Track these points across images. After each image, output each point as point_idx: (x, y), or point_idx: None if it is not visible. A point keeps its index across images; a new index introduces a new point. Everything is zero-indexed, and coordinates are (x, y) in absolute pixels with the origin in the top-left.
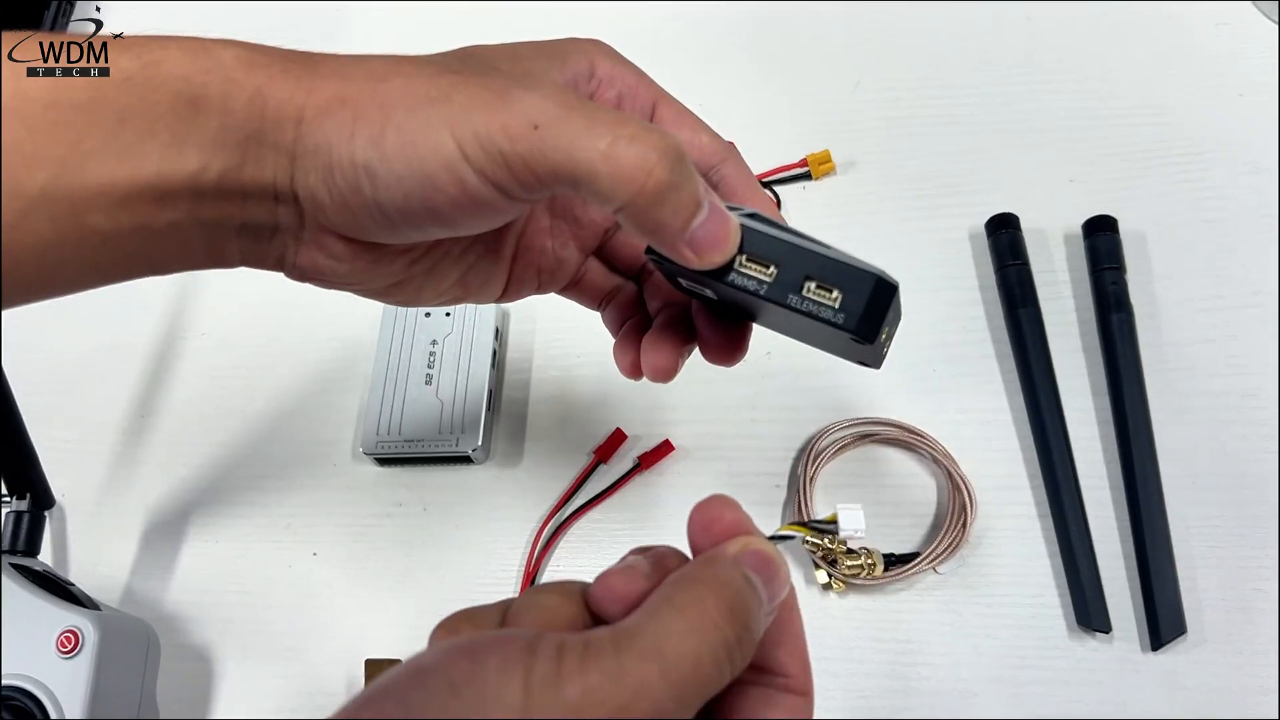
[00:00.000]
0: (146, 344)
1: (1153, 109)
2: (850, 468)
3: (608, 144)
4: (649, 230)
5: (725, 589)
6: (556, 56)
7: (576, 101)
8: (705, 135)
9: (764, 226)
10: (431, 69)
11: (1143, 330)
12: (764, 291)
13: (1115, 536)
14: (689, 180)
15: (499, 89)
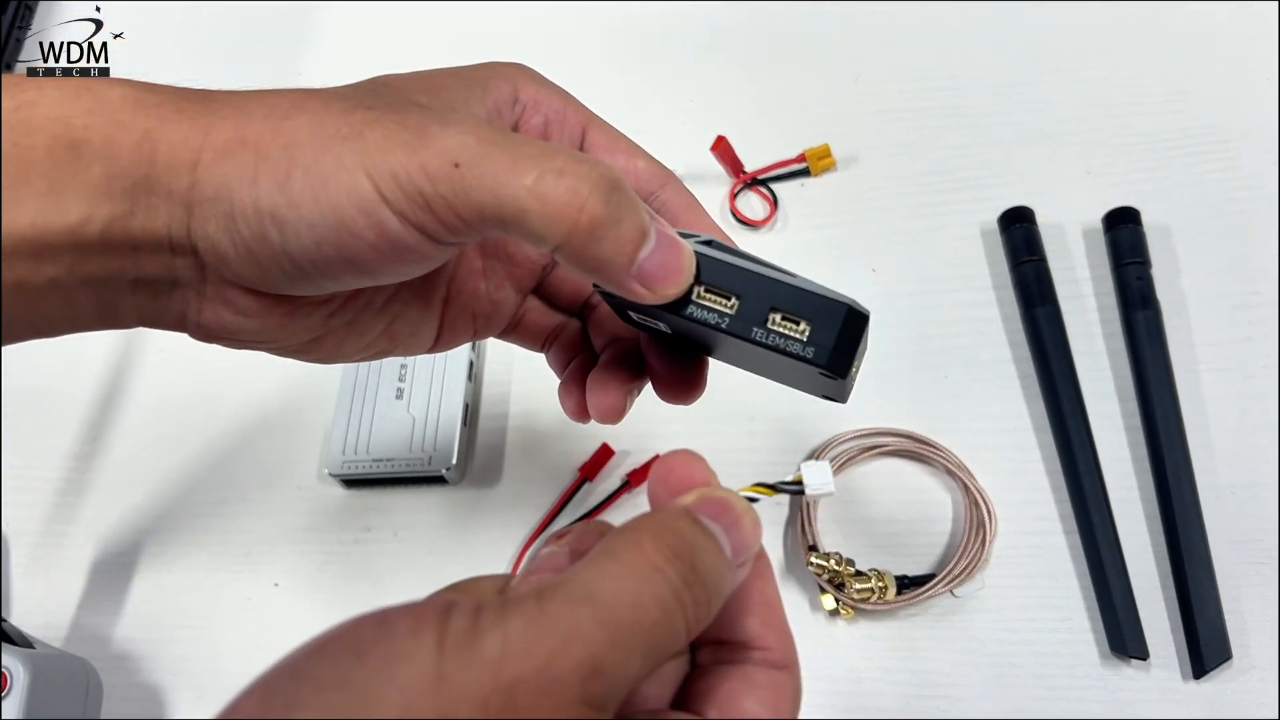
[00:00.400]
0: (100, 362)
1: (1173, 95)
2: (858, 482)
3: (534, 179)
4: (591, 268)
5: (666, 531)
6: (477, 84)
7: (499, 136)
8: (642, 160)
9: (722, 254)
10: (341, 104)
11: (1171, 329)
12: (726, 325)
13: (1149, 553)
14: (629, 210)
15: (416, 125)
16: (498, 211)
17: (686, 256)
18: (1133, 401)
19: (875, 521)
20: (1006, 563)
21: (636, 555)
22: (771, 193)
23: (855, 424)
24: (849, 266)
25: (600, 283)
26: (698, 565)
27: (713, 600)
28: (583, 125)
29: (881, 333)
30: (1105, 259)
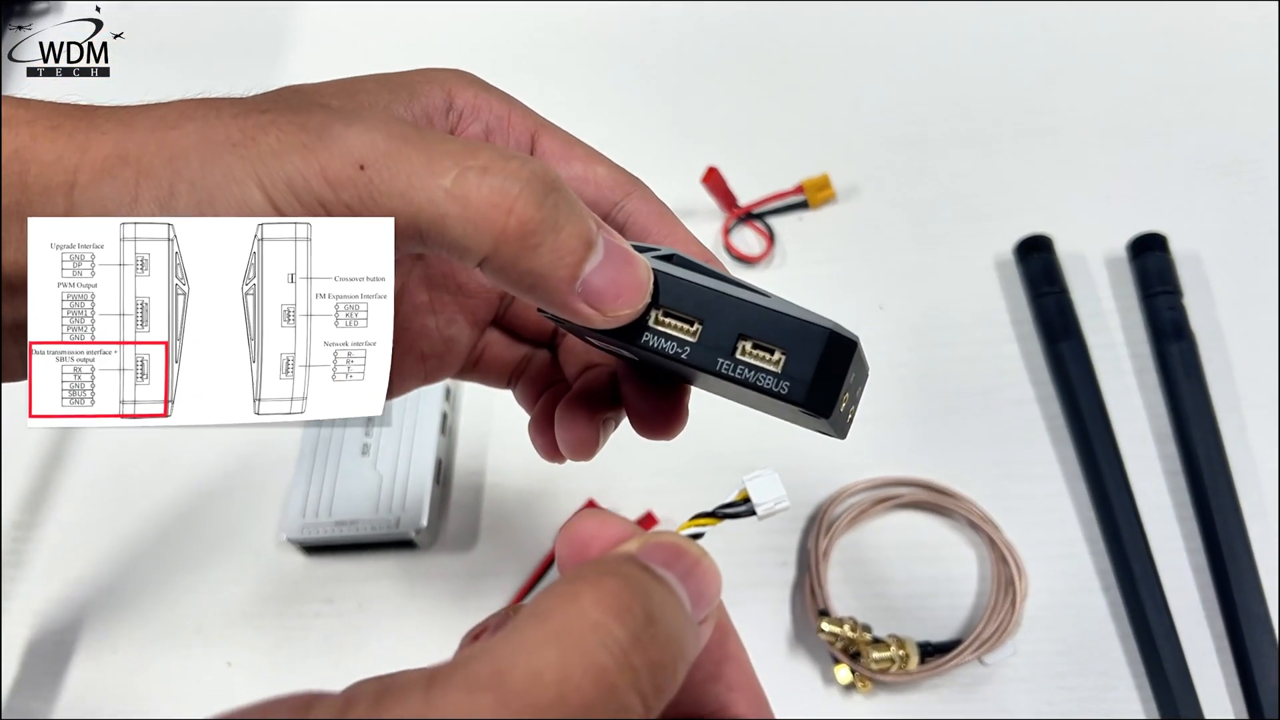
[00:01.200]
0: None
1: (1195, 117)
2: (870, 538)
3: (453, 180)
4: (526, 285)
5: (609, 577)
6: (402, 89)
7: (413, 132)
8: (602, 167)
9: (684, 271)
10: (234, 109)
11: (1208, 363)
12: (686, 355)
13: (1199, 609)
14: (569, 213)
15: (316, 125)
16: (412, 219)
17: (641, 271)
18: (1170, 442)
19: (892, 582)
20: (1040, 625)
21: (569, 613)
22: (768, 227)
23: (867, 474)
24: (854, 304)
25: (538, 302)
26: (655, 615)
27: (676, 663)
28: (531, 132)
29: (893, 374)
30: (1131, 289)
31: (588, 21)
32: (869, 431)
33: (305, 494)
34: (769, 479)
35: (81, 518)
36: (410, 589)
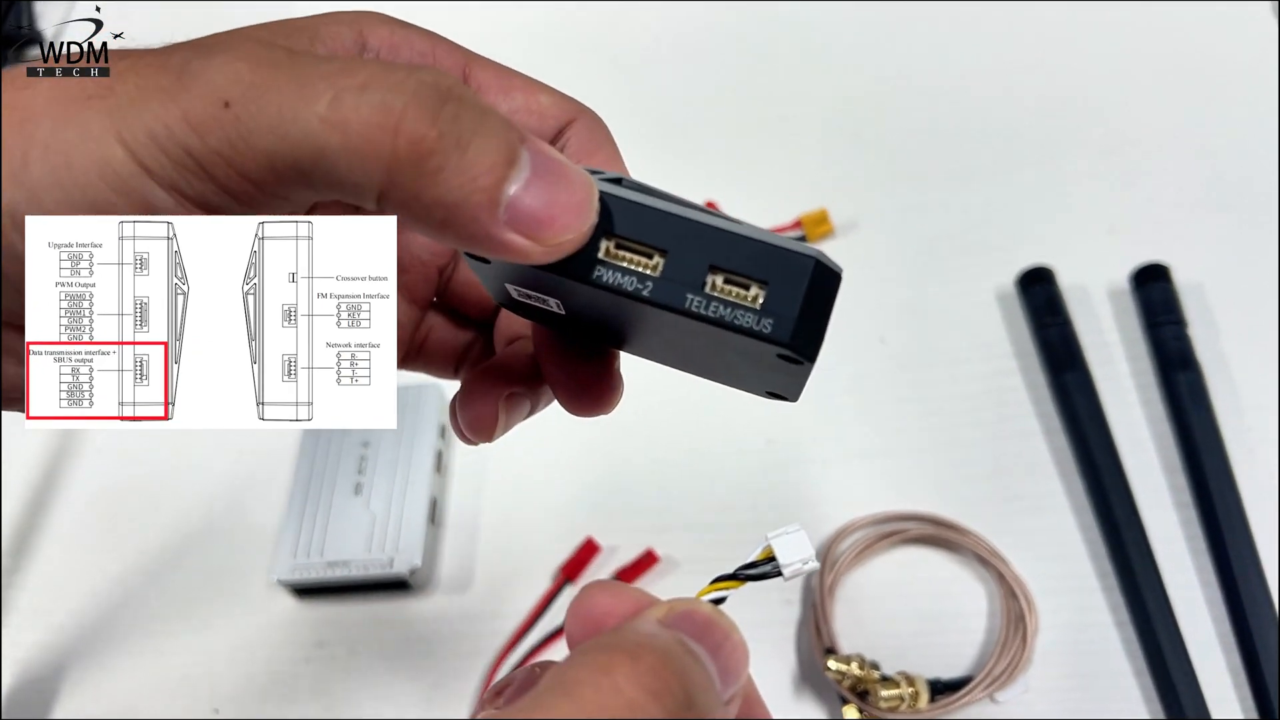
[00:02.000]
0: (25, 463)
1: (1195, 148)
2: (877, 574)
3: (328, 104)
4: (437, 222)
5: (646, 651)
6: (301, 33)
7: (283, 56)
8: (545, 95)
9: (638, 195)
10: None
11: (1215, 394)
12: (649, 292)
13: (1216, 644)
14: (481, 125)
15: (176, 64)
16: (290, 157)
17: (583, 186)
18: (1179, 473)
19: (900, 619)
20: (1052, 661)
21: (603, 688)
22: None
23: (871, 508)
24: (855, 338)
25: (461, 242)
26: (693, 698)
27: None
28: (461, 67)
29: (896, 407)
30: (1135, 320)
31: (587, 55)
32: (872, 466)
33: (296, 534)
34: (796, 537)
35: (65, 561)
36: (404, 631)
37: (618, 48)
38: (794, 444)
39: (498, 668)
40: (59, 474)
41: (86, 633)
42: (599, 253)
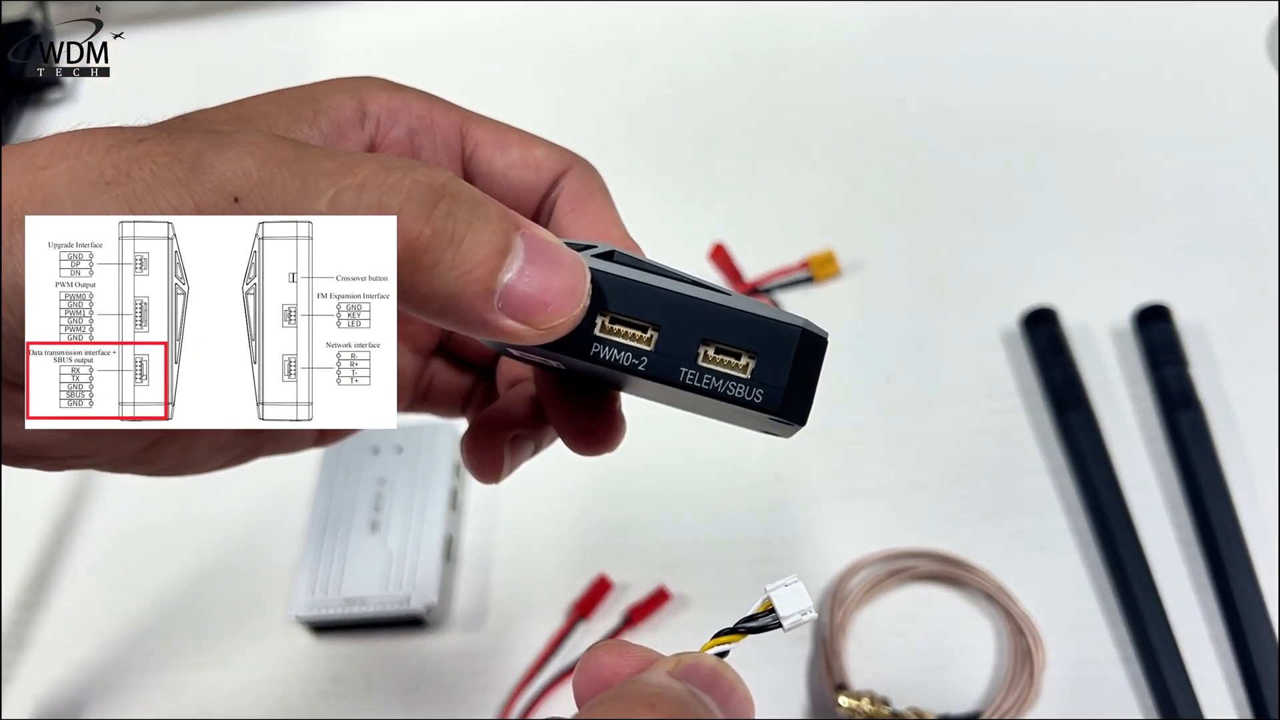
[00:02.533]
0: (46, 504)
1: (1195, 192)
2: (886, 611)
3: (328, 202)
4: (436, 310)
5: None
6: (306, 103)
7: (289, 152)
8: (539, 148)
9: (629, 271)
10: (110, 141)
11: (1218, 433)
12: (644, 366)
13: (1222, 680)
14: (470, 218)
15: (190, 155)
16: None
17: (572, 271)
18: (1183, 511)
19: (909, 655)
20: (1060, 696)
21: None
22: (774, 303)
23: (880, 546)
24: (862, 376)
25: (457, 327)
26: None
27: None
28: (458, 126)
29: (903, 445)
30: (1138, 361)
31: (595, 98)
32: (880, 503)
33: (314, 572)
34: (794, 590)
35: (87, 599)
36: (420, 668)
37: (624, 89)
38: (803, 481)
39: (512, 704)
40: (80, 514)
41: (107, 668)
42: (594, 329)
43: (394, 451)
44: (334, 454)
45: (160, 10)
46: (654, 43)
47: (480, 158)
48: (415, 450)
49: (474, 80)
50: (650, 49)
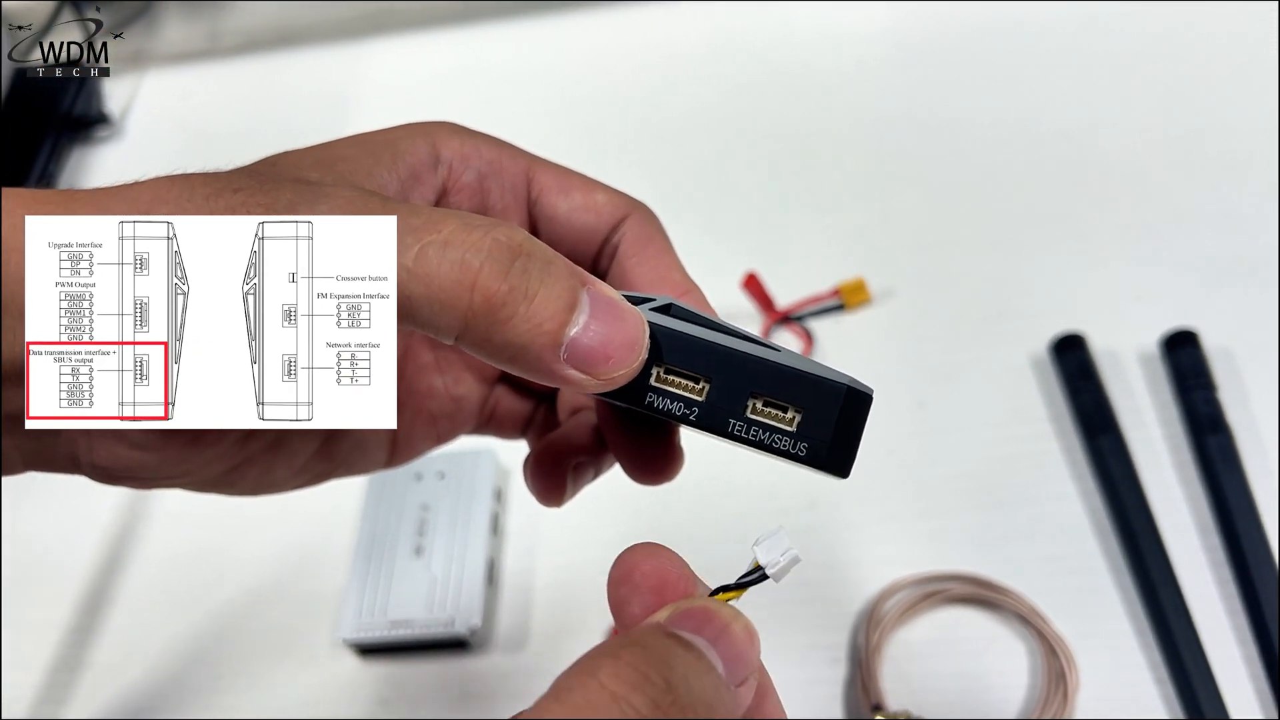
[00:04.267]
0: (102, 531)
1: (1221, 216)
2: (920, 634)
3: (414, 258)
4: (505, 359)
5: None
6: (385, 149)
7: (378, 207)
8: (601, 194)
9: (685, 325)
10: (207, 190)
11: (1247, 456)
12: (695, 417)
13: (1254, 700)
14: (542, 276)
15: (285, 208)
16: None
17: (633, 326)
18: (1213, 534)
19: (943, 676)
20: (1093, 717)
21: (589, 689)
22: (807, 330)
23: (913, 569)
24: (894, 402)
25: (523, 374)
26: (674, 682)
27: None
28: (525, 171)
29: (935, 470)
30: (1166, 385)
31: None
32: (913, 527)
33: (360, 595)
34: (775, 538)
35: (138, 622)
36: (464, 689)
37: (656, 121)
38: (836, 505)
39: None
40: (133, 539)
41: (158, 692)
42: (650, 379)
43: (436, 478)
44: (378, 480)
45: (204, 48)
46: (684, 75)
47: (545, 202)
48: (458, 476)
49: (503, 110)
50: (680, 81)
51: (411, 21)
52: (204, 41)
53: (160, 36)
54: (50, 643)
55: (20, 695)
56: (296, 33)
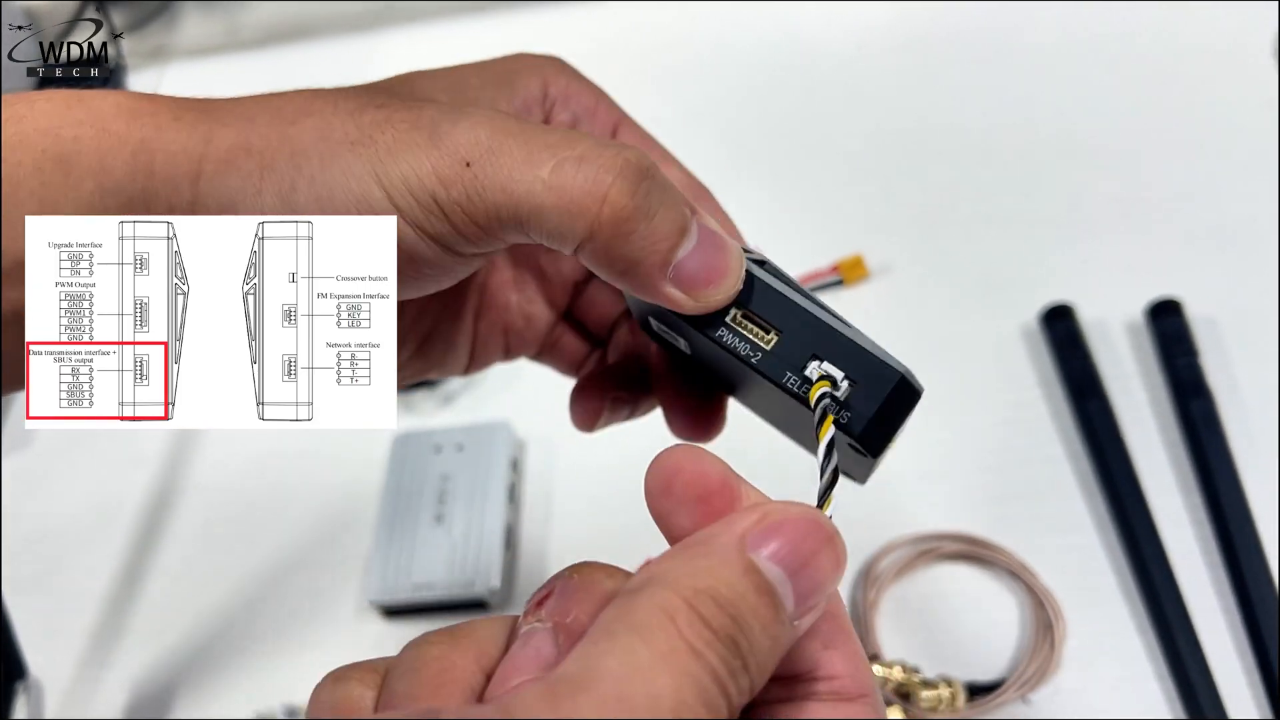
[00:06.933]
0: (137, 503)
1: (1204, 189)
2: (916, 589)
3: (550, 170)
4: (619, 271)
5: (706, 597)
6: (505, 80)
7: (515, 126)
8: (676, 170)
9: (773, 280)
10: (351, 104)
11: (1229, 420)
12: (757, 360)
13: (1231, 648)
14: (664, 200)
15: (428, 124)
16: (513, 211)
17: (734, 258)
18: (1195, 493)
19: (937, 629)
20: (1079, 665)
21: (670, 634)
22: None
23: (910, 529)
24: None
25: (633, 289)
26: (740, 646)
27: (755, 683)
28: (614, 124)
29: (932, 435)
30: (1151, 352)
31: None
32: (909, 489)
33: (385, 560)
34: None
35: (175, 589)
36: None
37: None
38: None
39: None
40: (166, 510)
41: (194, 655)
42: (727, 317)
43: (456, 450)
44: (400, 453)
45: (223, 43)
46: (688, 63)
47: None
48: (476, 448)
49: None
50: (685, 69)
51: (426, 13)
52: (222, 36)
53: (180, 32)
54: (89, 611)
55: (64, 662)
56: (312, 26)
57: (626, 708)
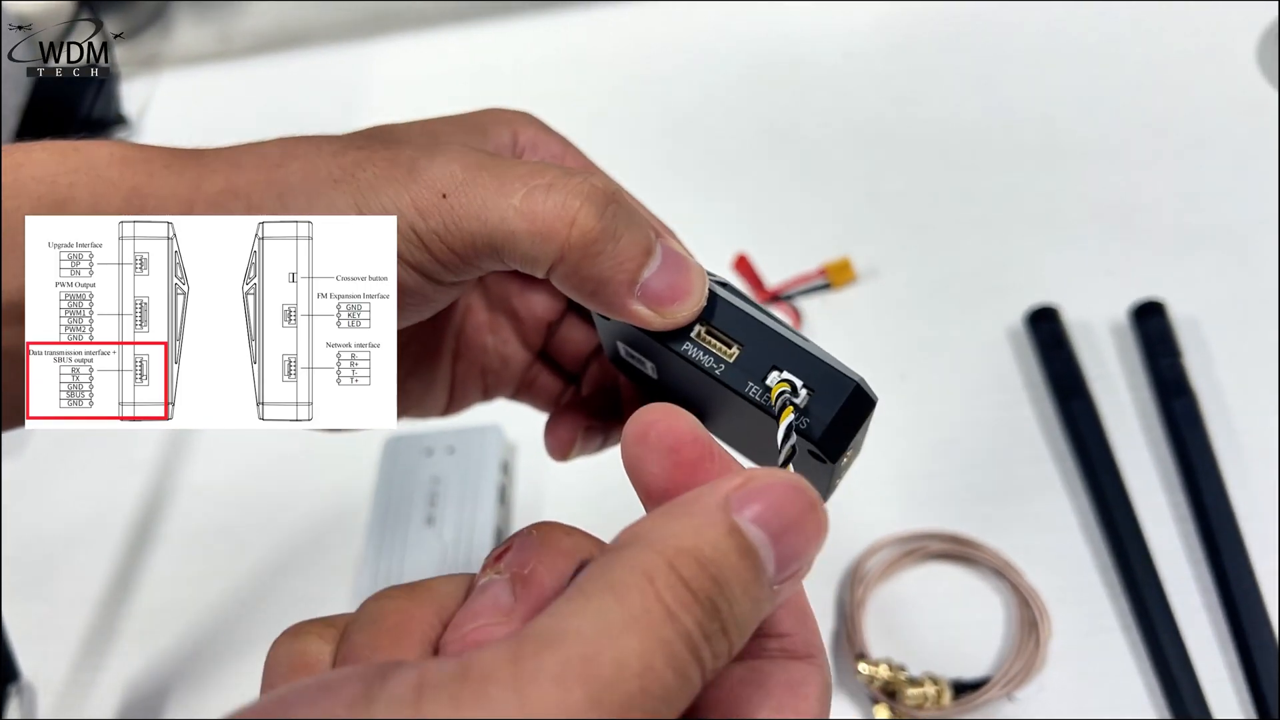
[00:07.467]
0: (131, 508)
1: (1185, 193)
2: (902, 588)
3: (521, 198)
4: (590, 290)
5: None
6: (476, 129)
7: (488, 160)
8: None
9: (734, 298)
10: (333, 147)
11: (1211, 418)
12: (720, 372)
13: (1215, 646)
14: (630, 222)
15: (406, 161)
16: (488, 238)
17: (696, 277)
18: (1178, 491)
19: (924, 627)
20: (1064, 663)
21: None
22: (795, 308)
23: (896, 528)
24: (879, 375)
25: (602, 307)
26: (720, 609)
27: (735, 646)
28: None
29: (919, 436)
30: (1135, 353)
31: (621, 123)
32: (896, 490)
33: (376, 562)
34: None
35: (168, 594)
36: None
37: (648, 111)
38: None
39: None
40: (158, 515)
41: (188, 658)
42: (692, 333)
43: (446, 453)
44: (391, 455)
45: (217, 50)
46: (679, 67)
47: None
48: (466, 451)
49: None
50: (675, 74)
51: (419, 21)
52: (216, 44)
53: (174, 39)
54: (82, 615)
55: (57, 664)
56: (305, 33)
57: (590, 669)
